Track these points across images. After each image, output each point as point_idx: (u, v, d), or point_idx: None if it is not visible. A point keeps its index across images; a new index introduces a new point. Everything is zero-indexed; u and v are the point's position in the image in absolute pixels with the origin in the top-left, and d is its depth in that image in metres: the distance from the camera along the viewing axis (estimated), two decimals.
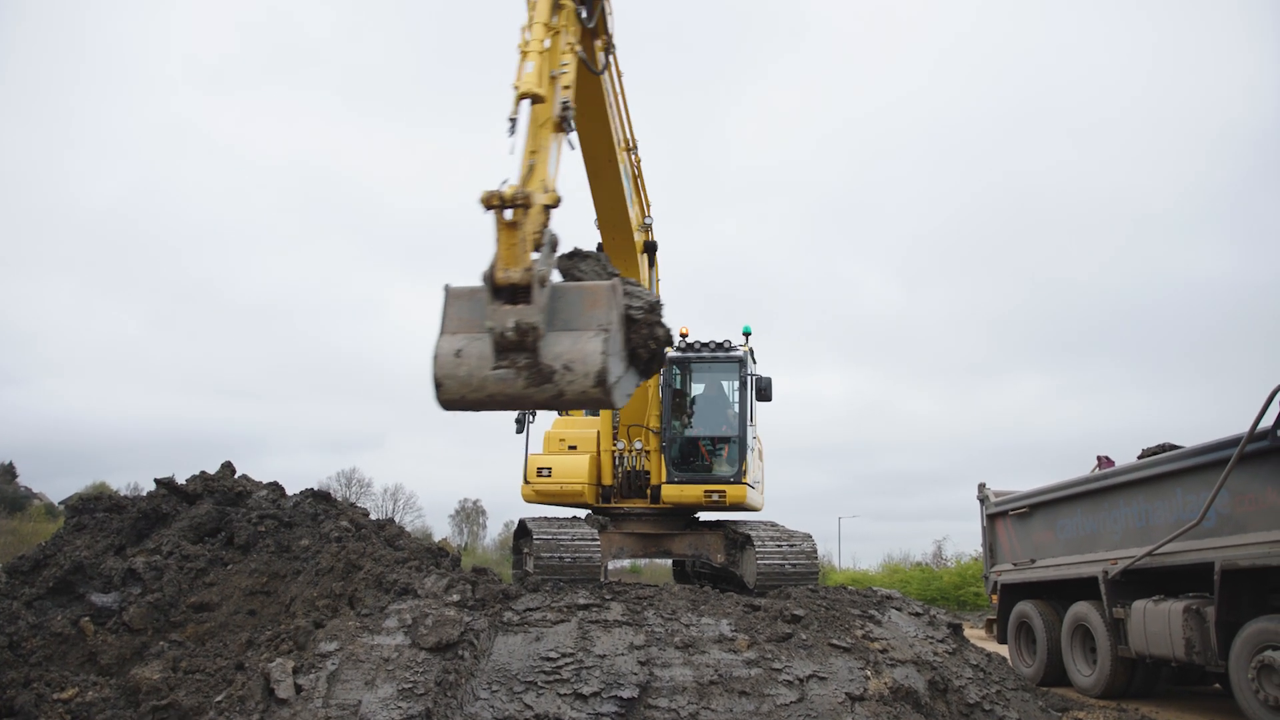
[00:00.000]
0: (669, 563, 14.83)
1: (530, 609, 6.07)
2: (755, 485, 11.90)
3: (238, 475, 9.34)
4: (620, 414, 11.47)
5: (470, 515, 54.94)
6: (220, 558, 7.76)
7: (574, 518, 11.39)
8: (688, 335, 11.97)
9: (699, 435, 11.62)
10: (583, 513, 11.81)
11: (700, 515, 11.93)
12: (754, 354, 12.06)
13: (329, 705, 4.90)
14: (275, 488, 9.18)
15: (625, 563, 19.52)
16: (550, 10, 5.49)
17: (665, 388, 11.42)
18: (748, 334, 12.20)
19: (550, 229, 4.65)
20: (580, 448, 11.62)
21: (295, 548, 7.84)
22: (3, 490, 35.93)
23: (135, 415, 74.69)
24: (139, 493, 11.05)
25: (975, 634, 11.83)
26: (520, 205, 4.50)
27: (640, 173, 9.80)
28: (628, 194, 9.03)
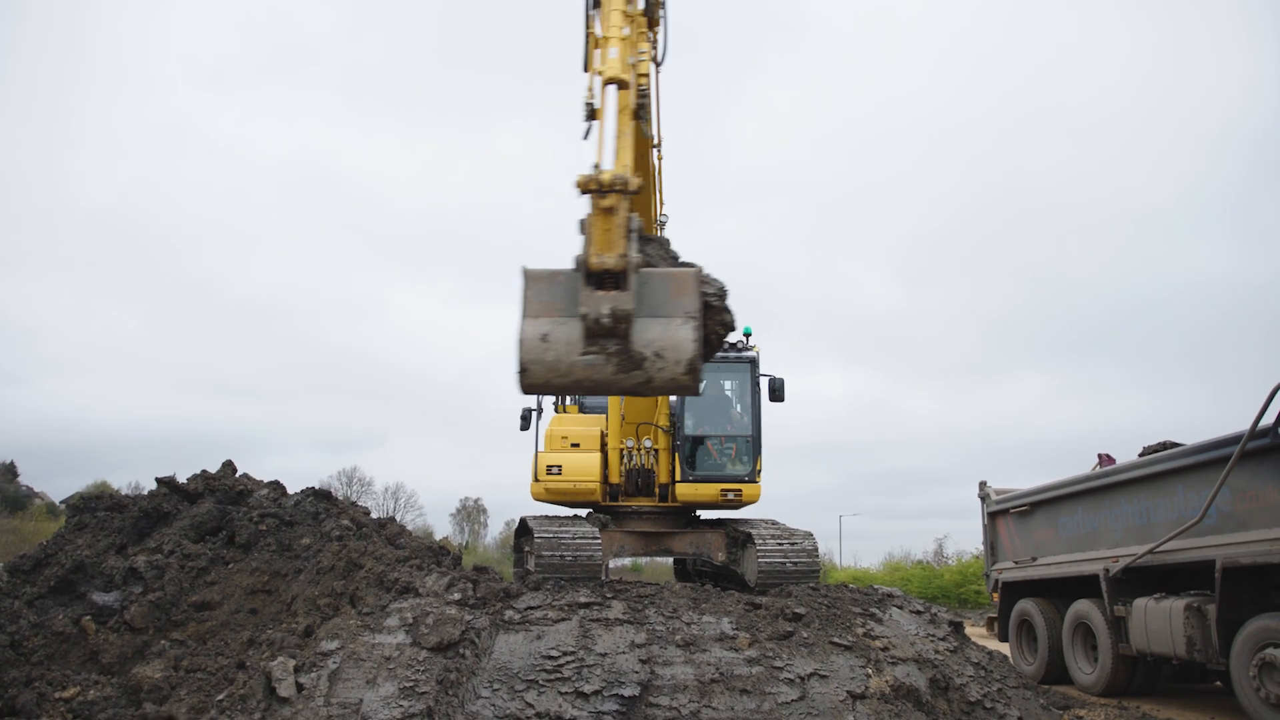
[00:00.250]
0: (670, 561, 14.84)
1: (531, 607, 6.07)
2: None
3: (239, 474, 9.35)
4: (627, 413, 11.49)
5: (471, 514, 54.99)
6: (221, 556, 7.77)
7: (575, 516, 11.39)
8: None
9: (714, 435, 11.70)
10: (584, 511, 11.82)
11: (701, 514, 11.95)
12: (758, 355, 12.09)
13: (330, 704, 4.90)
14: (276, 486, 9.19)
15: (626, 561, 19.54)
16: None
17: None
18: (748, 334, 12.24)
19: (633, 215, 4.67)
20: (583, 445, 11.63)
21: (296, 546, 7.84)
22: (4, 489, 35.96)
23: (136, 414, 74.78)
24: (140, 492, 11.06)
25: (976, 632, 11.84)
26: (619, 191, 4.48)
27: (660, 170, 9.77)
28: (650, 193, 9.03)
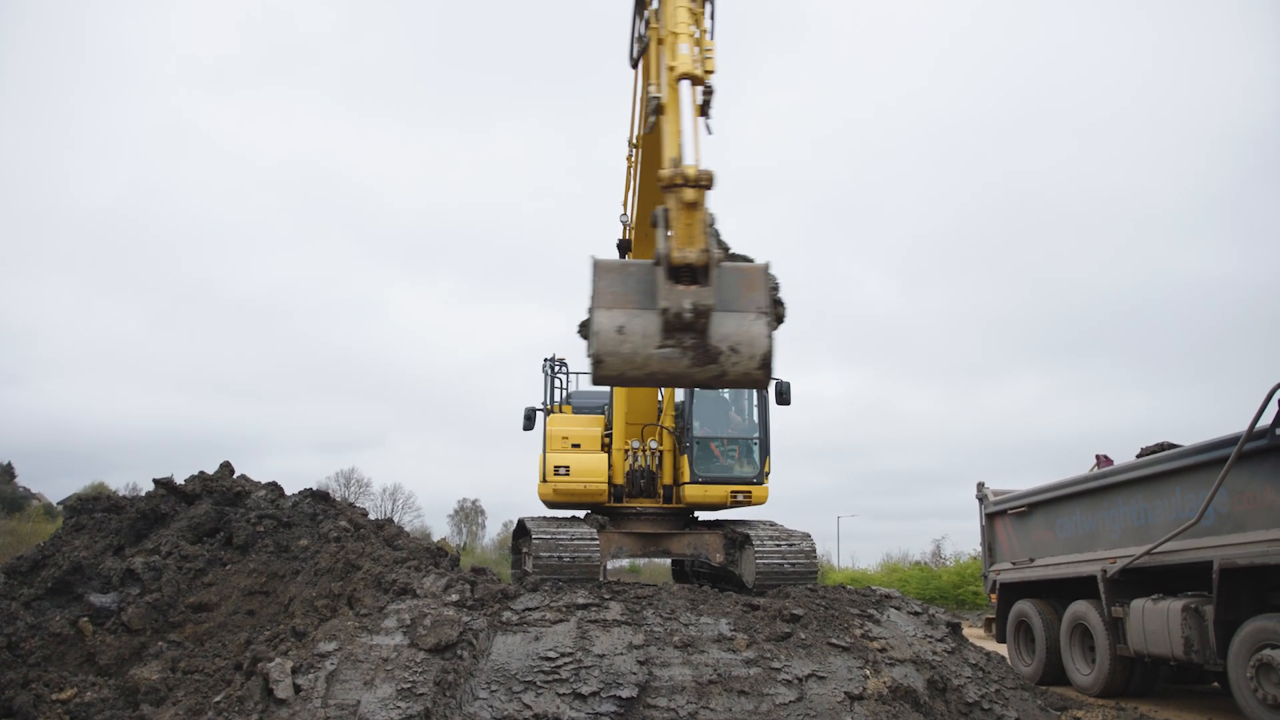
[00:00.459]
0: (668, 562, 14.84)
1: (529, 609, 6.06)
2: None
3: (236, 475, 9.34)
4: (630, 413, 11.49)
5: (469, 515, 54.89)
6: (219, 558, 7.76)
7: (573, 517, 11.38)
8: None
9: (724, 437, 11.72)
10: (581, 512, 11.81)
11: (700, 515, 11.95)
12: None
13: (328, 705, 4.90)
14: (274, 488, 9.18)
15: (624, 562, 19.52)
16: None
17: (688, 388, 11.46)
18: None
19: (710, 211, 4.69)
20: (584, 446, 11.61)
21: (294, 548, 7.84)
22: (1, 490, 35.90)
23: (134, 415, 74.61)
24: (137, 493, 11.06)
25: (974, 633, 11.85)
26: (704, 187, 4.51)
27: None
28: None
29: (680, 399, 11.90)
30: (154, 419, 72.26)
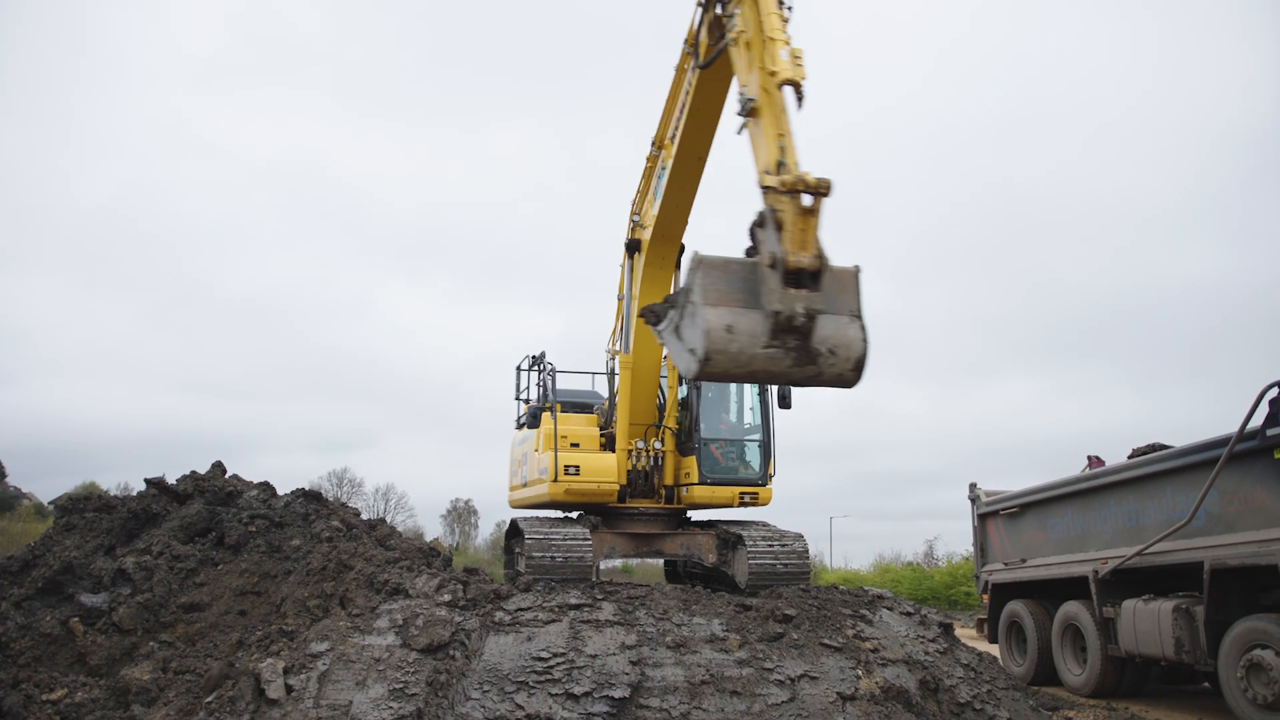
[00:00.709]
0: (660, 562, 14.85)
1: (522, 609, 6.06)
2: None
3: (228, 475, 9.32)
4: (634, 414, 11.48)
5: (462, 515, 54.77)
6: (211, 558, 7.74)
7: (566, 517, 11.37)
8: None
9: (731, 439, 11.75)
10: (575, 512, 11.80)
11: (694, 515, 11.96)
12: None
13: (320, 705, 4.89)
14: (266, 487, 9.16)
15: (616, 562, 19.53)
16: None
17: (694, 390, 11.46)
18: None
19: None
20: (583, 445, 11.60)
21: (286, 548, 7.82)
22: None
23: (126, 414, 74.16)
24: (129, 492, 11.01)
25: (966, 633, 11.86)
26: (823, 194, 4.58)
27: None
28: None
29: (683, 395, 11.90)
30: (146, 418, 71.95)
